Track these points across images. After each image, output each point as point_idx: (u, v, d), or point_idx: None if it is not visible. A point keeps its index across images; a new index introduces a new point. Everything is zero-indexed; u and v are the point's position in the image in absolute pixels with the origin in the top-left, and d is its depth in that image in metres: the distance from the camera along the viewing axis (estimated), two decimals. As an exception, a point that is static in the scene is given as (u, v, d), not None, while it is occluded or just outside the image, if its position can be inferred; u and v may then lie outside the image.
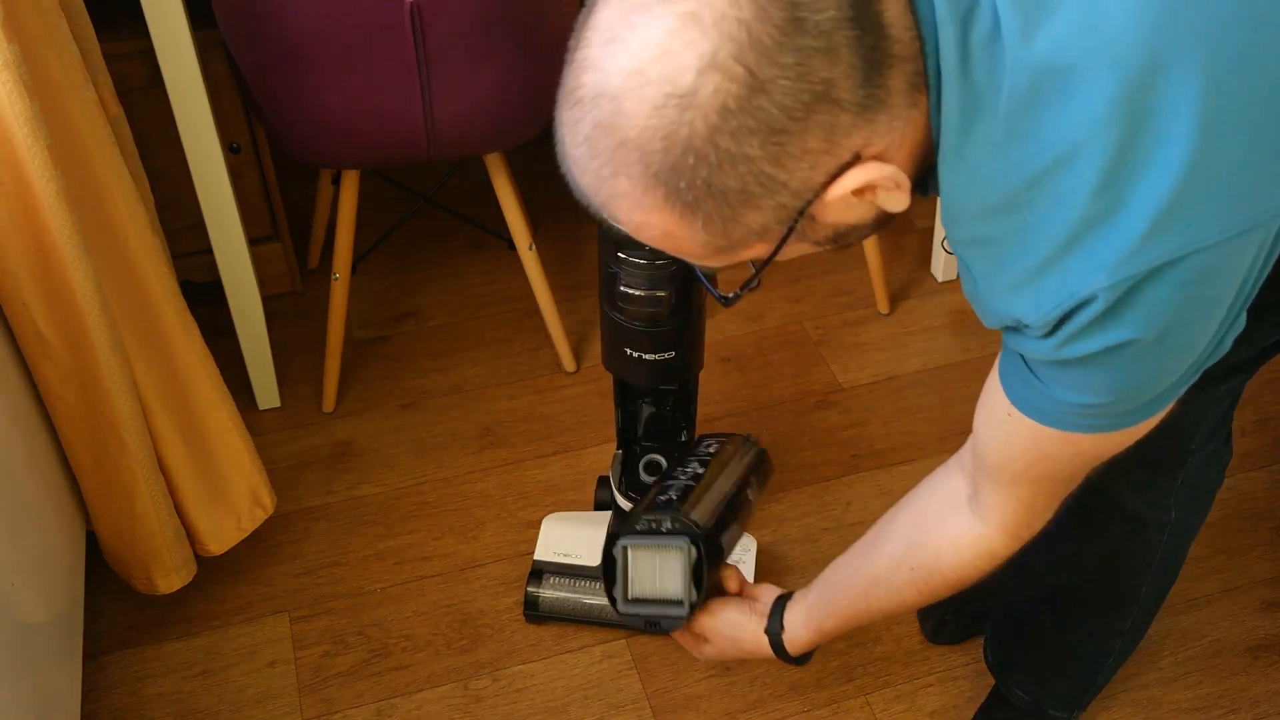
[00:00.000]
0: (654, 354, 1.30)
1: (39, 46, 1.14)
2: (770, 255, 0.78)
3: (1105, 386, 0.79)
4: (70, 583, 1.38)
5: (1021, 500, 0.96)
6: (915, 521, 1.09)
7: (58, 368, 1.26)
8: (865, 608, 1.14)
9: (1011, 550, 1.01)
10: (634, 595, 1.20)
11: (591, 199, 0.77)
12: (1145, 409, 0.83)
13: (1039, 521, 0.99)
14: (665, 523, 1.19)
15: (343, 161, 1.63)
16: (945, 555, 1.04)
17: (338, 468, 1.74)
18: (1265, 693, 1.48)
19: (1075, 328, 0.74)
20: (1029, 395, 0.85)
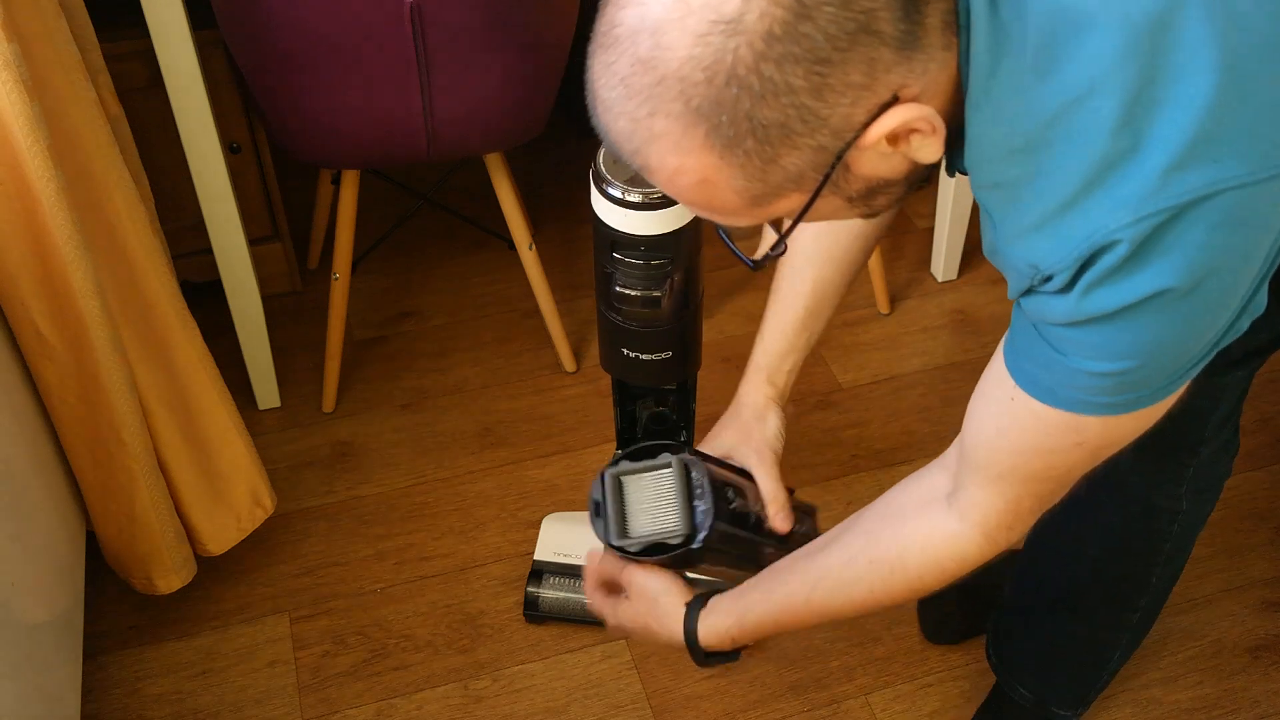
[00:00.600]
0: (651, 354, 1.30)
1: (39, 46, 1.14)
2: (803, 209, 0.77)
3: (1129, 350, 0.76)
4: (70, 583, 1.38)
5: (1007, 500, 0.92)
6: (883, 514, 1.04)
7: (58, 368, 1.26)
8: (803, 601, 1.07)
9: (984, 557, 0.97)
10: (685, 525, 1.16)
11: (624, 147, 0.75)
12: (1161, 387, 0.80)
13: (1020, 527, 0.95)
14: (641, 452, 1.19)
15: (343, 161, 1.63)
16: (911, 551, 0.99)
17: (338, 468, 1.74)
18: (1265, 693, 1.48)
19: (1098, 275, 0.72)
20: (1038, 373, 0.82)
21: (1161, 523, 1.19)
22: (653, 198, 1.15)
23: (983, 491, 0.93)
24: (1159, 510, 1.18)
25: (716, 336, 1.95)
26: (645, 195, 1.15)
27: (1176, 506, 1.18)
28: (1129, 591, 1.26)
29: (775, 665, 1.50)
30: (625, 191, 1.15)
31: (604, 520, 1.20)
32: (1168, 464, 1.14)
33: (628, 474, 1.19)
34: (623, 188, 1.15)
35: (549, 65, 1.61)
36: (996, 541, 0.95)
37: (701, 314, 1.34)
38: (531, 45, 1.55)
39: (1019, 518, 0.94)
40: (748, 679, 1.49)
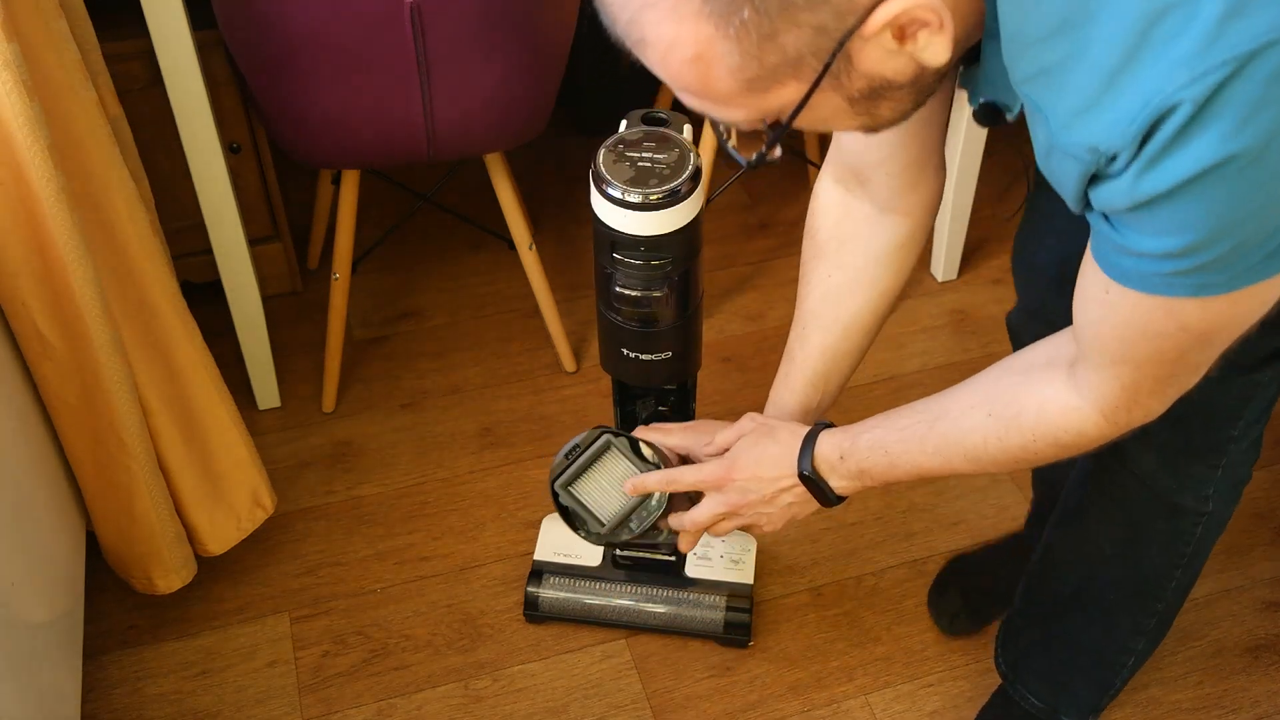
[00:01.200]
0: (650, 354, 1.30)
1: (39, 47, 1.14)
2: (800, 102, 0.74)
3: (1204, 220, 0.71)
4: (70, 583, 1.38)
5: (1123, 383, 0.89)
6: (1010, 368, 1.00)
7: (58, 368, 1.26)
8: (919, 436, 1.03)
9: (1106, 436, 0.93)
10: (608, 522, 1.22)
11: (619, 16, 0.72)
12: (1250, 267, 0.75)
13: (1141, 410, 0.91)
14: (578, 446, 1.23)
15: (343, 162, 1.63)
16: (1029, 413, 0.96)
17: (338, 468, 1.74)
18: (1265, 693, 1.48)
19: (1161, 143, 0.67)
20: (1122, 261, 0.78)
21: (1186, 524, 1.17)
22: (652, 198, 1.15)
23: (1099, 374, 0.90)
24: (1184, 511, 1.15)
25: (716, 336, 1.95)
26: (645, 195, 1.15)
27: (1203, 508, 1.15)
28: (1147, 594, 1.24)
29: (775, 665, 1.50)
30: (625, 191, 1.15)
31: (582, 528, 1.26)
32: (1198, 463, 1.12)
33: (573, 478, 1.25)
34: (623, 188, 1.15)
35: (549, 65, 1.61)
36: (1116, 422, 0.92)
37: (701, 314, 1.34)
38: (531, 45, 1.55)
39: (1137, 400, 0.90)
40: (747, 679, 1.49)
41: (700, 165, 1.18)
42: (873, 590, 1.59)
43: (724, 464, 1.15)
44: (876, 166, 1.08)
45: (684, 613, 1.49)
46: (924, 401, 1.06)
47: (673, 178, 1.16)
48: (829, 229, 1.15)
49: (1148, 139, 0.68)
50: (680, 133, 1.21)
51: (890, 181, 1.09)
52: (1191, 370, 0.87)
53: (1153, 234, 0.74)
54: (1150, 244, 0.75)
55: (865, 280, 1.16)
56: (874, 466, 1.07)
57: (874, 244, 1.14)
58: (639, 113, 1.24)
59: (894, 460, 1.06)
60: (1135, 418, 0.92)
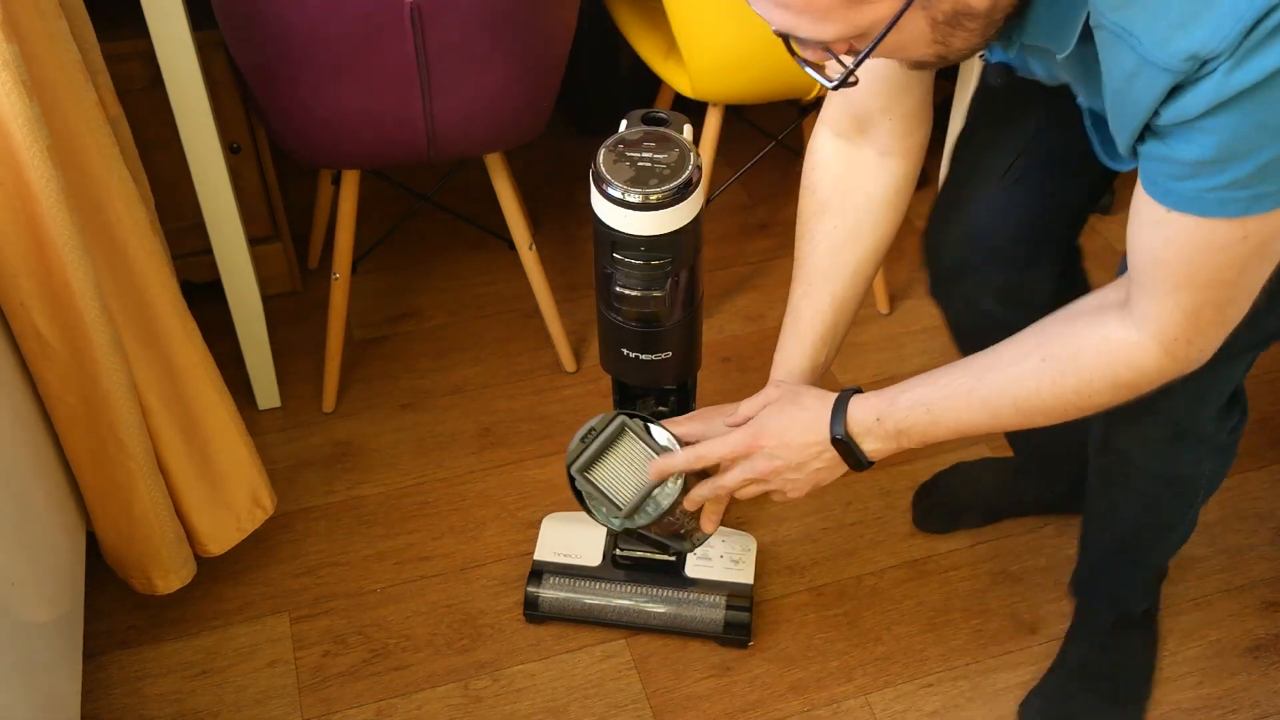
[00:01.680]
0: (650, 354, 1.30)
1: (39, 47, 1.14)
2: (891, 22, 0.78)
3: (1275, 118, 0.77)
4: (70, 583, 1.38)
5: (1185, 310, 0.90)
6: (1059, 317, 1.01)
7: (57, 368, 1.26)
8: (965, 390, 1.03)
9: (1162, 371, 0.94)
10: (625, 505, 1.21)
11: None
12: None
13: (1201, 340, 0.92)
14: (593, 430, 1.22)
15: (343, 161, 1.63)
16: (1086, 352, 0.96)
17: (338, 468, 1.74)
18: (1265, 693, 1.48)
19: (1259, 38, 0.73)
20: (1182, 187, 0.83)
21: (1189, 483, 1.23)
22: (652, 198, 1.15)
23: (1157, 305, 0.91)
24: (1186, 476, 1.22)
25: (716, 336, 1.95)
26: (645, 195, 1.15)
27: (1200, 468, 1.21)
28: (1175, 520, 1.32)
29: (775, 665, 1.50)
30: (625, 191, 1.15)
31: (600, 513, 1.25)
32: (1184, 446, 1.18)
33: (589, 463, 1.23)
34: (623, 188, 1.15)
35: (549, 66, 1.62)
36: (1175, 355, 0.93)
37: (701, 314, 1.34)
38: (531, 46, 1.55)
39: (1198, 329, 0.91)
40: (748, 679, 1.49)
41: (700, 165, 1.18)
42: (873, 590, 1.59)
43: (750, 432, 1.15)
44: (881, 112, 1.14)
45: (684, 613, 1.49)
46: (967, 359, 1.06)
47: (673, 178, 1.16)
48: (830, 182, 1.19)
49: (1252, 29, 0.73)
50: (680, 133, 1.21)
51: (892, 125, 1.14)
52: (1246, 292, 0.89)
53: (1217, 142, 0.78)
54: (1213, 151, 0.79)
55: (868, 225, 1.19)
56: (914, 426, 1.07)
57: (876, 189, 1.18)
58: (639, 113, 1.25)
59: (936, 417, 1.06)
60: (1193, 351, 0.92)
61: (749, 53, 1.70)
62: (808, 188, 1.21)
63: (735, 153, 2.27)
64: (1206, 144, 0.80)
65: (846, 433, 1.10)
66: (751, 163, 2.06)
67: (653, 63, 1.86)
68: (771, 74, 1.73)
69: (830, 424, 1.11)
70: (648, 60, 1.87)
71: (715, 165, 1.92)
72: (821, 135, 1.20)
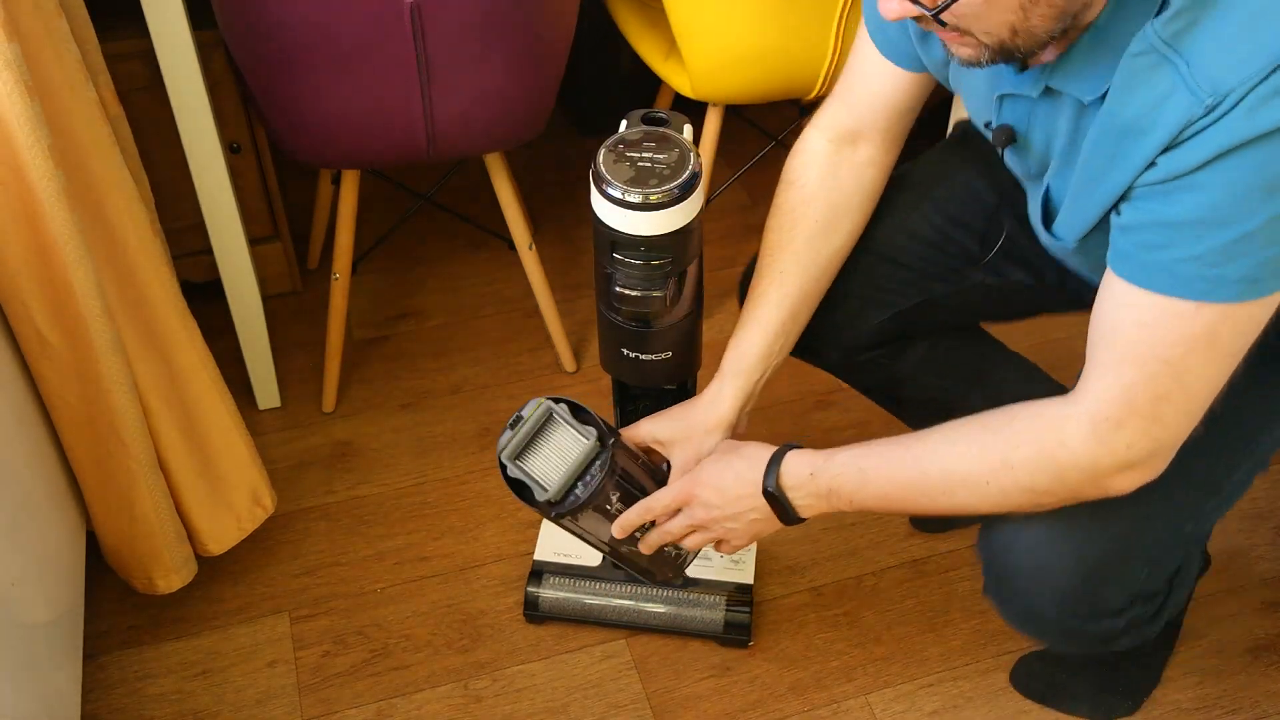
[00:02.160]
0: (651, 354, 1.30)
1: (39, 46, 1.14)
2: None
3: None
4: (70, 583, 1.38)
5: (1122, 384, 0.91)
6: (998, 407, 1.03)
7: (58, 368, 1.26)
8: (898, 454, 1.04)
9: (1090, 458, 0.94)
10: (552, 483, 1.19)
11: None
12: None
13: (1130, 429, 0.92)
14: (521, 418, 1.20)
15: (343, 161, 1.63)
16: (1020, 419, 0.98)
17: (338, 468, 1.74)
18: (1265, 693, 1.48)
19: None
20: (1154, 260, 0.87)
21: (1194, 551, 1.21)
22: (652, 198, 1.15)
23: (1096, 380, 0.93)
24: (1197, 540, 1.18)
25: (716, 336, 1.95)
26: (645, 195, 1.15)
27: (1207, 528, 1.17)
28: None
29: (775, 665, 1.50)
30: (625, 192, 1.15)
31: (530, 499, 1.21)
32: (1206, 497, 1.14)
33: (518, 450, 1.21)
34: (623, 188, 1.15)
35: (549, 65, 1.62)
36: (1102, 438, 0.93)
37: (701, 314, 1.34)
38: (531, 45, 1.55)
39: (1131, 412, 0.91)
40: (747, 679, 1.49)
41: (700, 165, 1.18)
42: (873, 590, 1.59)
43: (688, 481, 1.20)
44: (874, 129, 1.23)
45: (684, 613, 1.49)
46: (913, 433, 1.09)
47: (673, 178, 1.16)
48: (818, 179, 1.24)
49: (1266, 78, 0.79)
50: (680, 133, 1.21)
51: (880, 142, 1.24)
52: (1185, 391, 0.90)
53: (1206, 200, 0.82)
54: (1199, 210, 0.82)
55: (846, 222, 1.26)
56: (845, 485, 1.09)
57: (857, 192, 1.26)
58: (639, 113, 1.24)
59: (867, 478, 1.07)
60: (1120, 441, 0.93)
61: (749, 53, 1.70)
62: (792, 182, 1.26)
63: (735, 153, 2.27)
64: (1194, 201, 0.83)
65: (778, 485, 1.12)
66: (751, 163, 2.06)
67: (653, 63, 1.86)
68: (771, 74, 1.73)
69: (764, 475, 1.13)
70: (648, 60, 1.87)
71: (715, 165, 1.92)
72: (813, 137, 1.25)
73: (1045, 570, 1.03)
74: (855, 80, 1.22)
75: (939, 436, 1.03)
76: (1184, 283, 0.86)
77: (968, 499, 1.01)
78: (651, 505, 1.22)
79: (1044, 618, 1.08)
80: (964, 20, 0.88)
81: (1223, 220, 0.83)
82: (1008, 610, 1.12)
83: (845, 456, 1.09)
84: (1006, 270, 1.29)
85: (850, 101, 1.23)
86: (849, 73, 1.23)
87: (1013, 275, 1.29)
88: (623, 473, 1.23)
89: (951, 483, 1.01)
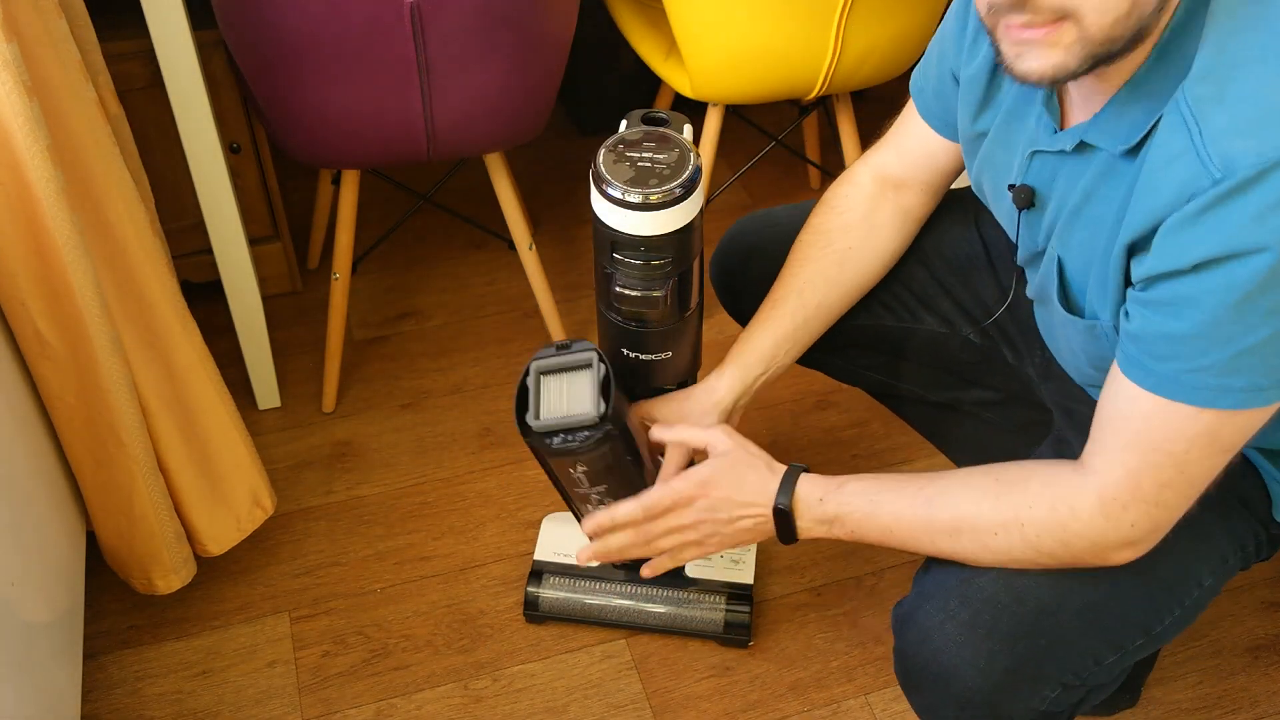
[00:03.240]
0: (650, 354, 1.30)
1: (38, 46, 1.14)
2: None
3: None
4: (70, 583, 1.38)
5: (1128, 469, 0.94)
6: (1021, 461, 1.06)
7: (57, 368, 1.26)
8: (911, 492, 1.06)
9: (1097, 531, 0.97)
10: (545, 417, 1.19)
11: None
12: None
13: (1135, 510, 0.96)
14: (570, 350, 1.22)
15: (343, 161, 1.63)
16: (1036, 480, 1.00)
17: (338, 468, 1.75)
18: (1265, 692, 1.48)
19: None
20: (1160, 370, 0.90)
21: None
22: (652, 198, 1.15)
23: (1106, 460, 0.96)
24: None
25: (716, 336, 1.95)
26: (645, 195, 1.15)
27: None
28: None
29: (775, 665, 1.50)
30: (625, 192, 1.15)
31: (521, 413, 1.21)
32: (1249, 519, 1.16)
33: (546, 369, 1.22)
34: (623, 188, 1.15)
35: (549, 65, 1.62)
36: (1110, 515, 0.96)
37: (702, 314, 1.34)
38: (531, 45, 1.55)
39: (1136, 496, 0.95)
40: (748, 679, 1.49)
41: (700, 165, 1.18)
42: (873, 590, 1.59)
43: (697, 481, 1.19)
44: (919, 184, 1.27)
45: (684, 613, 1.49)
46: (926, 474, 1.11)
47: (673, 178, 1.16)
48: (859, 211, 1.28)
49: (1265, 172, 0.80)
50: (680, 133, 1.21)
51: (920, 197, 1.29)
52: (1186, 478, 0.95)
53: (1201, 319, 0.85)
54: (1196, 327, 0.86)
55: (874, 258, 1.30)
56: (852, 514, 1.11)
57: (893, 234, 1.30)
58: (639, 113, 1.24)
59: (876, 509, 1.09)
60: (1125, 521, 0.96)
61: (749, 53, 1.70)
62: (834, 207, 1.29)
63: (735, 153, 2.28)
64: (1198, 319, 0.86)
65: (791, 505, 1.14)
66: (751, 163, 2.06)
67: (653, 63, 1.86)
68: (771, 74, 1.73)
69: (777, 492, 1.14)
70: (648, 60, 1.87)
71: (715, 165, 1.92)
72: (863, 172, 1.29)
73: (952, 673, 1.04)
74: (902, 131, 1.27)
75: (955, 481, 1.06)
76: (1188, 391, 0.89)
77: (970, 546, 1.04)
78: (652, 505, 1.21)
79: (942, 717, 1.10)
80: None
81: (1227, 337, 0.86)
82: (911, 698, 1.13)
83: (856, 486, 1.11)
84: (995, 337, 1.33)
85: (901, 151, 1.27)
86: (899, 121, 1.27)
87: (1000, 349, 1.33)
88: (604, 456, 1.22)
89: (960, 527, 1.04)
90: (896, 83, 1.90)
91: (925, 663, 1.05)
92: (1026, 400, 1.34)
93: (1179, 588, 1.08)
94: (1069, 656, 1.04)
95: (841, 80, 1.75)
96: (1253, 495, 1.11)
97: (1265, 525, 1.13)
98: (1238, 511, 1.10)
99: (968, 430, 1.46)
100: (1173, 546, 1.00)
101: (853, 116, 1.92)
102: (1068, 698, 1.07)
